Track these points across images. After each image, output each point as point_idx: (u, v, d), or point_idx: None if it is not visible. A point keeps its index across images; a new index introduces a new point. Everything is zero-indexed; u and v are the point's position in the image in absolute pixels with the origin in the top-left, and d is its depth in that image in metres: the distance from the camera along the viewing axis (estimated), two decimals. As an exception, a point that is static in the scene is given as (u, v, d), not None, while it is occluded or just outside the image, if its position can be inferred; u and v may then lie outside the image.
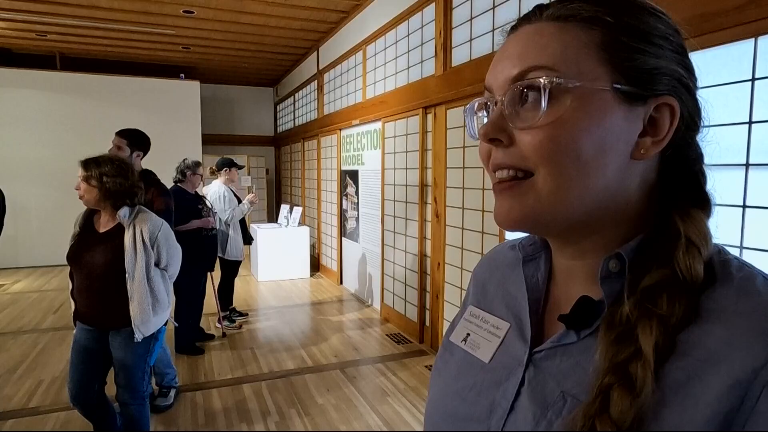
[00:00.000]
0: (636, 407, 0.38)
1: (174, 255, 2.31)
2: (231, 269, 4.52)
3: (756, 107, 1.64)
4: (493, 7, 3.06)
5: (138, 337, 2.13)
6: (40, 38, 6.42)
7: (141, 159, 2.97)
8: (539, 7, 0.46)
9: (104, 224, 2.19)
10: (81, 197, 2.13)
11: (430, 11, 3.77)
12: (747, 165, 1.66)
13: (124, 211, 2.14)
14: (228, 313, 4.52)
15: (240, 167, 4.72)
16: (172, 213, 2.93)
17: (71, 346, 2.23)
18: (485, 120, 0.50)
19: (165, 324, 2.33)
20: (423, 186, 3.95)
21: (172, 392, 3.03)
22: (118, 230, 2.16)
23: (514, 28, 0.48)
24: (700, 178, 0.47)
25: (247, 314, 4.70)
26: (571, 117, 0.42)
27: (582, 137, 0.42)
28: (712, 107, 0.48)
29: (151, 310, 2.16)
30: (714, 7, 1.71)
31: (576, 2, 0.44)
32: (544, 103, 0.42)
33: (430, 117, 3.81)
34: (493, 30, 3.07)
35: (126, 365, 2.19)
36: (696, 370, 0.38)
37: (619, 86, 0.42)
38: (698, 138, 0.47)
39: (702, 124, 0.47)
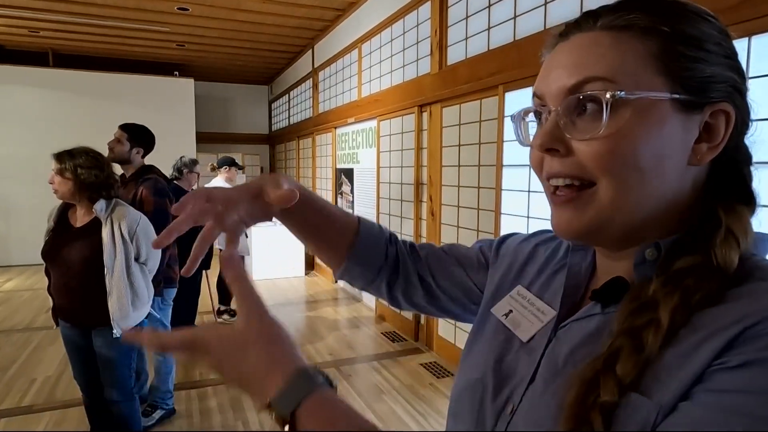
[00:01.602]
0: (639, 368, 0.40)
1: (153, 249, 2.21)
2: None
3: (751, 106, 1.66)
4: (489, 6, 3.06)
5: (116, 332, 2.07)
6: (32, 35, 6.36)
7: (141, 156, 2.84)
8: (590, 15, 0.46)
9: (80, 219, 2.13)
10: (55, 191, 2.07)
11: (425, 9, 3.77)
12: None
13: (100, 205, 2.06)
14: (228, 307, 4.58)
15: (240, 167, 4.76)
16: (166, 214, 2.64)
17: (63, 342, 2.21)
18: (532, 125, 0.51)
19: (147, 318, 2.28)
20: (418, 184, 3.95)
21: (158, 413, 2.77)
22: (95, 225, 2.08)
23: (564, 36, 0.48)
24: (747, 179, 0.48)
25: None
26: (632, 129, 0.43)
27: (641, 147, 0.43)
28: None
29: (131, 305, 2.10)
30: (708, 6, 1.71)
31: (632, 12, 0.44)
32: (605, 116, 0.42)
33: (425, 115, 3.82)
34: (489, 29, 3.07)
35: (111, 363, 2.16)
36: (702, 341, 0.39)
37: (677, 96, 0.43)
38: (746, 138, 0.48)
39: (750, 124, 0.48)
